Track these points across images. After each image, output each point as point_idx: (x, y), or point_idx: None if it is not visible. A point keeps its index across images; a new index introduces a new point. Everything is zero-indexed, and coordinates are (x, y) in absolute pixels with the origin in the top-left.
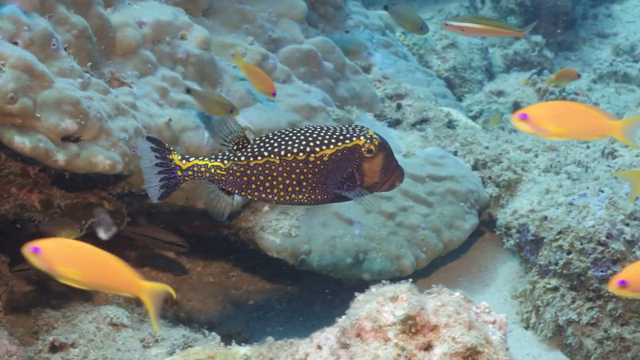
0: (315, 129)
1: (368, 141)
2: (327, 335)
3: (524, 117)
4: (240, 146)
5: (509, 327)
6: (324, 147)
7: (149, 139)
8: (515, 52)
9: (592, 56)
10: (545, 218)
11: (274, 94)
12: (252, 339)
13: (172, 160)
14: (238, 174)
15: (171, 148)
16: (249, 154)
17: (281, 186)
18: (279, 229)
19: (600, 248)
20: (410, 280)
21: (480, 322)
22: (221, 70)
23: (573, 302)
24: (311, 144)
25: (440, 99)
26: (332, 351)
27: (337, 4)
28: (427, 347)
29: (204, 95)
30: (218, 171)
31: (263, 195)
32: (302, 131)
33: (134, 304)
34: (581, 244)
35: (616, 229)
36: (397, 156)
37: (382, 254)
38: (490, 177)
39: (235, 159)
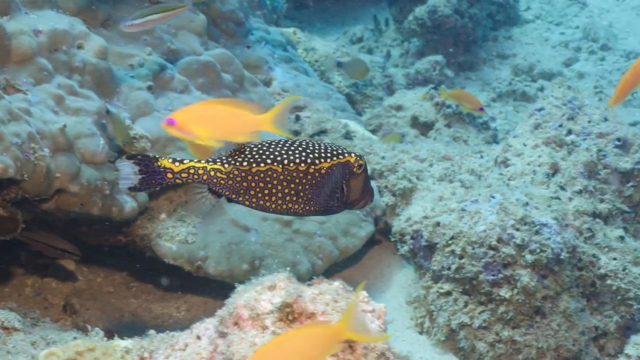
0: (309, 143)
1: (358, 158)
2: (207, 326)
3: (171, 123)
4: (237, 151)
5: (404, 332)
6: (322, 160)
7: (128, 157)
8: (417, 71)
9: (492, 76)
10: (438, 224)
11: None
12: None
13: (160, 165)
14: (239, 179)
15: (157, 155)
16: (251, 160)
17: (280, 194)
18: (176, 236)
19: (491, 252)
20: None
21: (359, 311)
22: (118, 79)
23: (465, 305)
24: (310, 156)
25: (340, 112)
26: (211, 341)
27: (238, 19)
28: None
29: (117, 122)
30: (218, 174)
31: (261, 202)
32: (297, 144)
33: (27, 307)
34: (473, 249)
35: (507, 234)
36: None
37: (278, 260)
38: (386, 186)
39: (237, 163)
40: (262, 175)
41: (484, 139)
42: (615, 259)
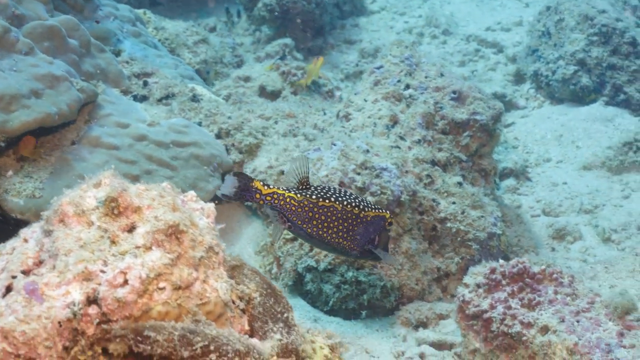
0: (358, 196)
1: (390, 216)
2: (34, 229)
3: None
4: (302, 187)
5: None
6: (368, 210)
7: (234, 174)
8: (267, 54)
9: (340, 60)
10: (282, 172)
11: None
12: None
13: (253, 185)
14: (306, 208)
15: (253, 177)
16: (319, 196)
17: (335, 229)
18: (23, 191)
19: None
20: None
21: (187, 208)
22: None
23: (311, 249)
24: (362, 204)
25: (188, 80)
26: (38, 241)
27: None
28: (131, 229)
29: None
30: (292, 202)
31: (320, 232)
32: (350, 193)
33: None
34: None
35: (348, 178)
36: (142, 125)
37: None
38: (233, 144)
39: (307, 196)
40: (325, 209)
41: (329, 105)
42: (454, 203)
